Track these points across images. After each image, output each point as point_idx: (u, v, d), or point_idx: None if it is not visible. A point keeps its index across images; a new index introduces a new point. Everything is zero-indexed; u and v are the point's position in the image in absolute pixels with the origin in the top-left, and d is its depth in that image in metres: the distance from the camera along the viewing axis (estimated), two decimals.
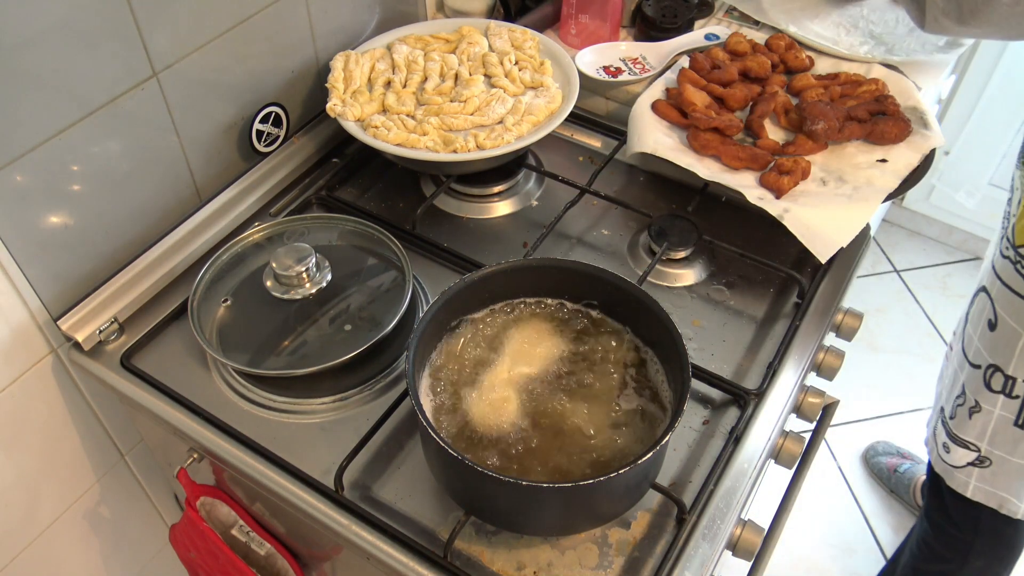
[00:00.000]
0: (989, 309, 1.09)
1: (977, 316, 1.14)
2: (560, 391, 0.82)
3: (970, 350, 1.15)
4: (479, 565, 0.80)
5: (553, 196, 1.16)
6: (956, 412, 1.18)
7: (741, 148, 1.07)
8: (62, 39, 0.82)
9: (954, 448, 1.20)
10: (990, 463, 1.16)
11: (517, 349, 0.84)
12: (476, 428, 0.79)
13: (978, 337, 1.13)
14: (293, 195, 1.15)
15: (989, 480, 1.19)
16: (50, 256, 0.92)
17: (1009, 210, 1.10)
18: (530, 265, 0.87)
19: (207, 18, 0.97)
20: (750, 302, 1.03)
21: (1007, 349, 1.07)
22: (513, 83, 1.14)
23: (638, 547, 0.81)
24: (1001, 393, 1.09)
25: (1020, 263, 1.03)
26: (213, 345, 0.93)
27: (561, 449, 0.77)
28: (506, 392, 0.81)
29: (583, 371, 0.83)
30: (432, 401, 0.81)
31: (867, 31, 1.31)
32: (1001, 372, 1.08)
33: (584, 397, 0.81)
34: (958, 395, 1.18)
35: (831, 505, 1.93)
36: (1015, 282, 1.04)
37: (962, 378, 1.17)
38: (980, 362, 1.12)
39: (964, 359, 1.16)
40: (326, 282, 0.98)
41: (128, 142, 0.95)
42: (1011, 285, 1.05)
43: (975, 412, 1.14)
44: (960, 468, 1.20)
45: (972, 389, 1.14)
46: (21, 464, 1.01)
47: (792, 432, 0.95)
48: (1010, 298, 1.05)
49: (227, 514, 1.01)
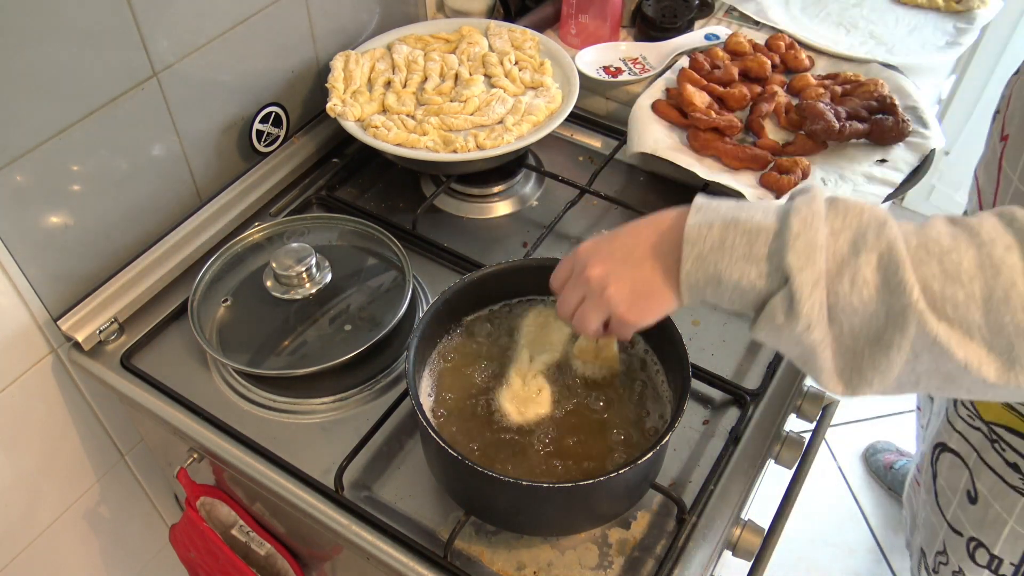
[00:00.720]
0: (967, 480, 0.98)
1: (952, 479, 1.02)
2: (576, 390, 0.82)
3: (948, 512, 1.04)
4: (479, 565, 0.80)
5: (553, 196, 1.16)
6: (939, 569, 1.10)
7: (741, 148, 1.07)
8: (62, 39, 0.82)
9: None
10: None
11: (534, 343, 0.85)
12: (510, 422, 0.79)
13: (956, 504, 1.02)
14: (293, 195, 1.15)
15: None
16: (50, 256, 0.92)
17: None
18: (530, 265, 0.87)
19: (207, 18, 0.97)
20: None
21: (992, 529, 0.98)
22: (513, 83, 1.14)
23: (638, 547, 0.81)
24: (987, 568, 1.01)
25: (998, 443, 0.91)
26: (213, 345, 0.93)
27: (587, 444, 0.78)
28: (538, 383, 0.81)
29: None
30: (432, 401, 0.81)
31: (867, 31, 1.31)
32: (986, 549, 1.00)
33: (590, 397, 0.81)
34: (939, 552, 1.09)
35: (831, 505, 1.93)
36: (995, 463, 0.92)
37: (941, 535, 1.07)
38: (962, 531, 1.02)
39: (942, 519, 1.06)
40: (326, 282, 0.98)
41: (128, 142, 0.95)
42: (991, 465, 0.93)
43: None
44: None
45: (956, 556, 1.05)
46: (21, 464, 1.01)
47: (792, 432, 0.95)
48: (993, 480, 0.94)
49: (227, 514, 1.01)
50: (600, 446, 0.77)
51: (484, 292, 0.87)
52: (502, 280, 0.86)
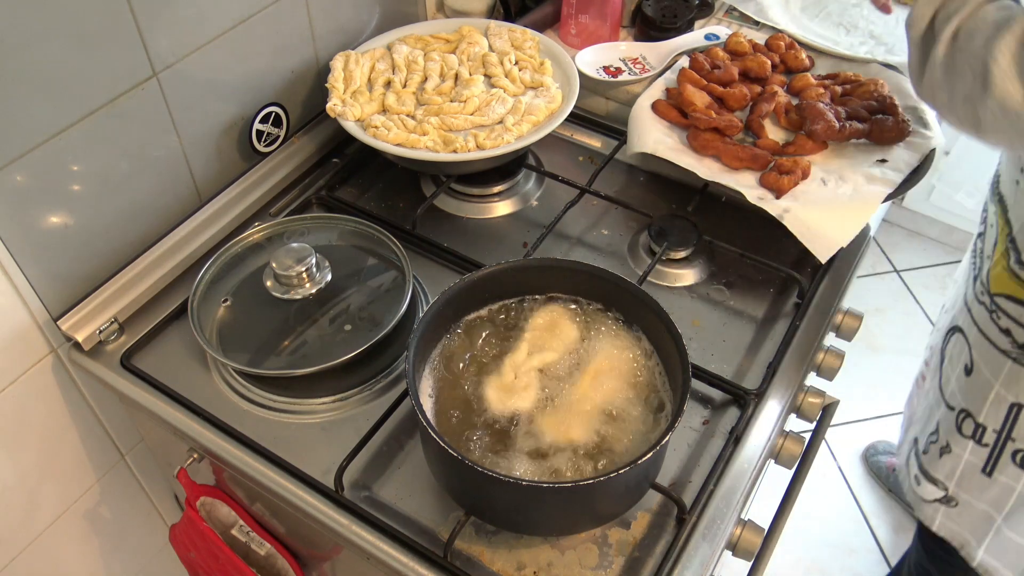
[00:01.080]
0: (966, 354, 1.06)
1: (955, 357, 1.10)
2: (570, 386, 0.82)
3: (947, 390, 1.12)
4: (479, 565, 0.80)
5: (553, 196, 1.16)
6: (928, 448, 1.17)
7: (741, 148, 1.07)
8: (62, 39, 0.82)
9: (924, 483, 1.19)
10: (956, 503, 1.15)
11: (535, 341, 0.85)
12: (491, 411, 0.79)
13: (955, 379, 1.10)
14: (293, 195, 1.15)
15: (955, 519, 1.17)
16: (50, 256, 0.92)
17: (981, 247, 1.06)
18: (530, 265, 0.87)
19: (207, 18, 0.97)
20: (750, 302, 1.03)
21: (980, 396, 1.04)
22: (513, 83, 1.14)
23: (638, 547, 0.81)
24: (971, 439, 1.07)
25: (996, 312, 0.99)
26: (213, 345, 0.93)
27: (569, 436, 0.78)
28: (528, 379, 0.82)
29: (585, 367, 0.83)
30: (432, 401, 0.81)
31: (867, 31, 1.31)
32: (972, 418, 1.06)
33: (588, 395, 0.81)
34: (932, 432, 1.16)
35: (831, 505, 1.94)
36: (991, 332, 1.01)
37: (937, 416, 1.15)
38: (955, 404, 1.10)
39: (940, 397, 1.14)
40: (326, 282, 0.98)
41: (128, 142, 0.95)
42: (987, 334, 1.02)
43: (945, 452, 1.12)
44: (929, 503, 1.19)
45: (945, 430, 1.12)
46: (21, 464, 1.01)
47: (792, 432, 0.95)
48: (986, 347, 1.02)
49: (227, 514, 1.01)
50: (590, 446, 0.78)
51: (484, 292, 0.87)
52: (502, 280, 0.87)
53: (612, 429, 0.79)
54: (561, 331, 0.85)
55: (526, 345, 0.84)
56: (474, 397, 0.81)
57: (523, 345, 0.84)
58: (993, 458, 1.06)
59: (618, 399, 0.81)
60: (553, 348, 0.84)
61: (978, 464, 1.08)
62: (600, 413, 0.80)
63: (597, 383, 0.82)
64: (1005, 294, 0.98)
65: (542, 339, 0.85)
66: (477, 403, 0.80)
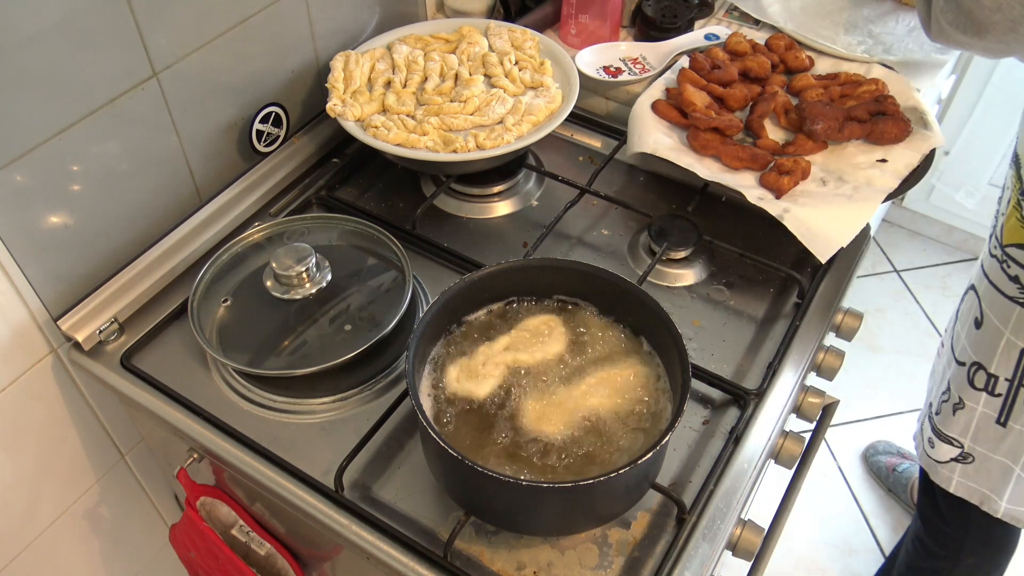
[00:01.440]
0: (976, 307, 1.10)
1: (966, 314, 1.15)
2: (559, 384, 0.82)
3: (957, 347, 1.16)
4: (479, 565, 0.80)
5: (553, 196, 1.16)
6: (941, 408, 1.19)
7: (741, 148, 1.07)
8: (62, 39, 0.82)
9: (938, 443, 1.21)
10: (973, 459, 1.17)
11: (517, 340, 0.85)
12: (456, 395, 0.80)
13: (965, 334, 1.14)
14: (293, 195, 1.15)
15: (972, 476, 1.19)
16: (50, 256, 0.92)
17: (999, 208, 1.10)
18: (530, 265, 0.87)
19: (207, 18, 0.97)
20: (750, 302, 1.03)
21: (990, 347, 1.08)
22: (513, 83, 1.14)
23: (638, 547, 0.81)
24: (984, 391, 1.10)
25: (1007, 262, 1.04)
26: (213, 345, 0.93)
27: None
28: (495, 370, 0.82)
29: (583, 370, 0.83)
30: (432, 401, 0.81)
31: (866, 31, 1.31)
32: (984, 370, 1.09)
33: (585, 395, 0.81)
34: (944, 391, 1.19)
35: (831, 505, 1.94)
36: (1000, 281, 1.05)
37: (948, 374, 1.18)
38: (965, 359, 1.13)
39: (952, 356, 1.17)
40: (326, 282, 0.98)
41: (128, 142, 0.95)
42: (997, 284, 1.06)
43: (959, 408, 1.15)
44: (944, 463, 1.21)
45: (956, 386, 1.15)
46: (21, 464, 1.01)
47: (792, 432, 0.95)
48: (995, 296, 1.06)
49: (227, 514, 1.01)
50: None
51: (484, 292, 0.87)
52: (502, 280, 0.87)
53: (600, 428, 0.78)
54: (549, 338, 0.85)
55: (506, 340, 0.84)
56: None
57: (503, 339, 0.84)
58: (1007, 407, 1.08)
59: (611, 403, 0.80)
60: (532, 351, 0.84)
61: (992, 415, 1.10)
62: (591, 412, 0.79)
63: (592, 383, 0.82)
64: (1017, 243, 1.02)
65: (526, 341, 0.85)
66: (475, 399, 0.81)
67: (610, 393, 0.81)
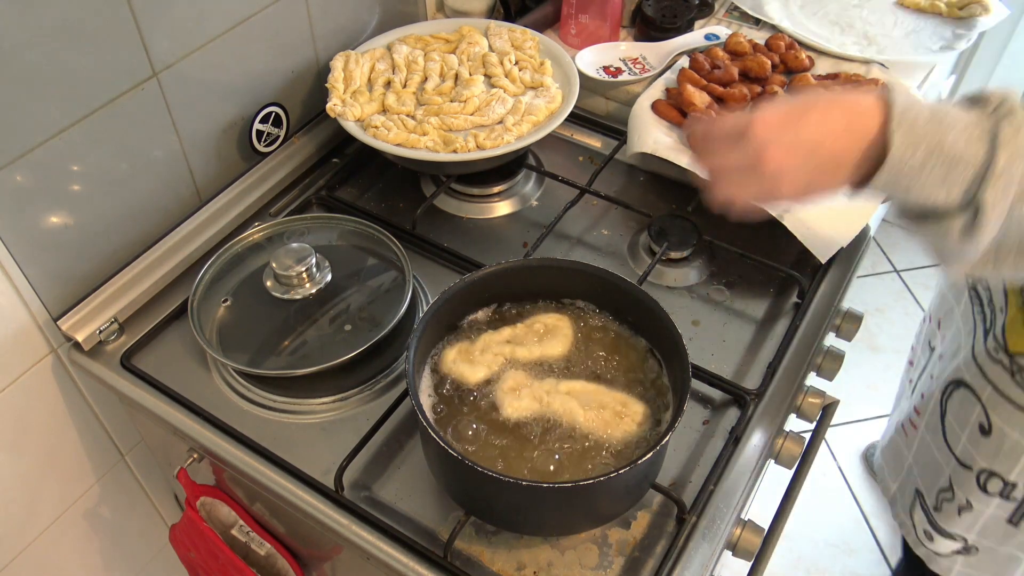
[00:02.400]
0: (980, 412, 1.00)
1: (962, 414, 1.04)
2: (558, 386, 0.82)
3: (956, 446, 1.06)
4: (479, 565, 0.80)
5: (553, 196, 1.16)
6: (942, 506, 1.11)
7: None
8: (62, 39, 0.82)
9: (939, 538, 1.14)
10: (977, 551, 1.11)
11: (516, 342, 0.85)
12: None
13: (967, 438, 1.04)
14: (293, 195, 1.15)
15: (974, 565, 1.14)
16: (50, 256, 0.92)
17: (990, 296, 0.99)
18: (530, 265, 0.87)
19: (207, 18, 0.97)
20: (750, 302, 1.03)
21: (1008, 459, 0.99)
22: (513, 83, 1.14)
23: (638, 547, 0.81)
24: (998, 496, 1.03)
25: (1019, 373, 0.93)
26: (213, 345, 0.93)
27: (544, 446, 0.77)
28: (491, 359, 0.83)
29: (583, 369, 0.83)
30: (432, 401, 0.81)
31: (862, 31, 1.31)
32: (1000, 477, 1.01)
33: (583, 394, 0.81)
34: (943, 488, 1.10)
35: (831, 505, 1.94)
36: (1014, 393, 0.95)
37: (947, 472, 1.09)
38: (970, 464, 1.04)
39: (950, 454, 1.07)
40: (326, 282, 0.98)
41: (128, 142, 0.95)
42: (1009, 396, 0.95)
43: (965, 510, 1.08)
44: (945, 556, 1.15)
45: (963, 489, 1.07)
46: (21, 464, 1.01)
47: (792, 432, 0.95)
48: (1010, 411, 0.96)
49: (227, 514, 1.01)
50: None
51: (484, 292, 0.87)
52: (502, 280, 0.86)
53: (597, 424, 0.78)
54: (552, 339, 0.85)
55: (510, 331, 0.85)
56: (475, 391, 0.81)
57: (507, 330, 0.85)
58: (1022, 510, 1.02)
59: (609, 401, 0.80)
60: (532, 349, 0.84)
61: (1003, 516, 1.05)
62: (585, 410, 0.79)
63: (588, 383, 0.82)
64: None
65: (528, 337, 0.85)
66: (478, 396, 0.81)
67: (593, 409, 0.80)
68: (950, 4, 1.34)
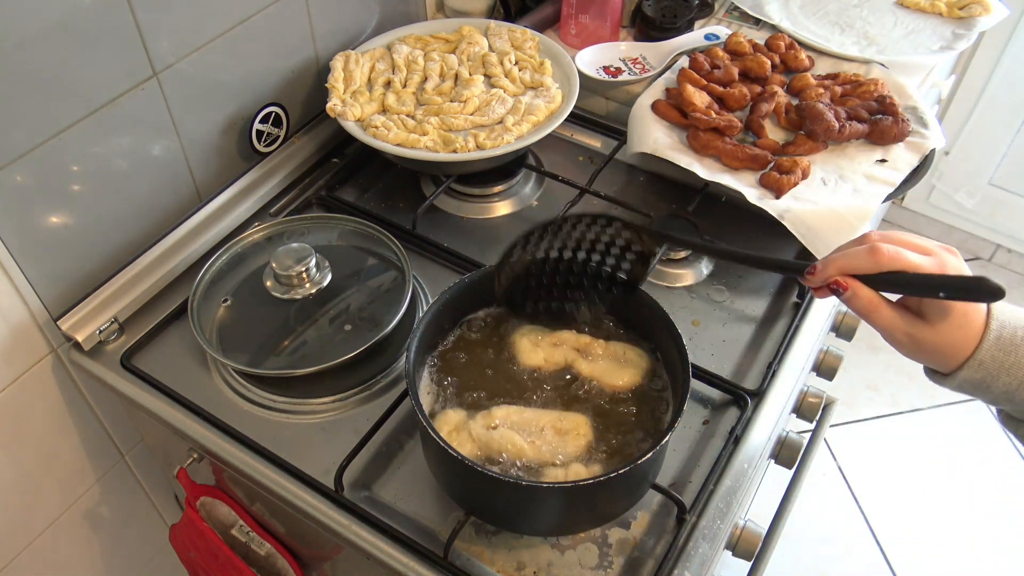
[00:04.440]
0: None
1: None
2: (560, 391, 0.82)
3: None
4: (479, 565, 0.80)
5: (553, 196, 1.16)
6: None
7: (741, 148, 1.07)
8: (62, 39, 0.82)
9: None
10: None
11: (517, 348, 0.85)
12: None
13: None
14: (293, 195, 1.15)
15: None
16: (50, 256, 0.92)
17: None
18: None
19: (207, 18, 0.97)
20: (750, 302, 1.03)
21: None
22: (513, 83, 1.14)
23: (638, 547, 0.81)
24: None
25: None
26: (213, 345, 0.93)
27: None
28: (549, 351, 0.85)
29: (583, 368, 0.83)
30: (432, 400, 0.81)
31: (862, 31, 1.31)
32: None
33: (583, 395, 0.81)
34: None
35: (831, 505, 1.94)
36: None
37: None
38: None
39: None
40: (326, 282, 0.98)
41: (128, 142, 0.95)
42: None
43: None
44: None
45: None
46: (21, 464, 1.01)
47: (792, 432, 0.95)
48: None
49: (227, 514, 1.01)
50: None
51: (484, 292, 0.87)
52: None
53: (599, 424, 0.79)
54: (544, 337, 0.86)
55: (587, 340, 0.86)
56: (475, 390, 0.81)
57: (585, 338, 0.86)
58: None
59: (610, 399, 0.80)
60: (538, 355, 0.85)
61: None
62: (586, 409, 0.80)
63: (590, 383, 0.82)
64: None
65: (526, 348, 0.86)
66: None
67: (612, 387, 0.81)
68: (950, 4, 1.34)
